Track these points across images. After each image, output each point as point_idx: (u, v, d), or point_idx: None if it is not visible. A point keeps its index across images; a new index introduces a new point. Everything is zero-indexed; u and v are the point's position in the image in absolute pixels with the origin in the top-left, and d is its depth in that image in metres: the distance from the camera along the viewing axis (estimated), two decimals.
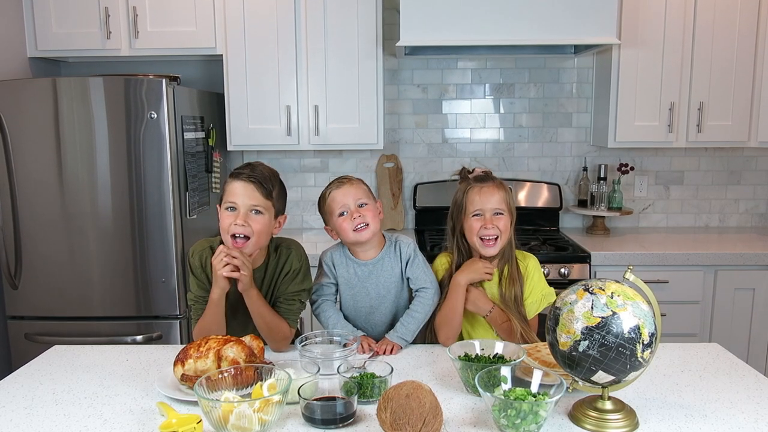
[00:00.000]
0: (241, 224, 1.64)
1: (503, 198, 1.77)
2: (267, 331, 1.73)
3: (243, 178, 1.66)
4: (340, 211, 1.75)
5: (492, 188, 1.77)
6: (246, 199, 1.66)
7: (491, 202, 1.75)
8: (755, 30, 2.94)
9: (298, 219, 3.48)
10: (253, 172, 1.68)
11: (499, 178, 1.85)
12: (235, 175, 1.68)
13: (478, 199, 1.76)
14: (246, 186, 1.66)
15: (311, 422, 1.30)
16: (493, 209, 1.76)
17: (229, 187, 1.68)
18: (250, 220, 1.66)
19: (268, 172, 1.72)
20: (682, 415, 1.34)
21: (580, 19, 2.71)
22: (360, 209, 1.74)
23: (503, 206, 1.77)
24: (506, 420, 1.23)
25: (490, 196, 1.76)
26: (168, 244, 2.60)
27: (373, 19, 2.94)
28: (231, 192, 1.67)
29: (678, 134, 3.02)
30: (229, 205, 1.67)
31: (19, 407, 1.40)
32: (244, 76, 2.99)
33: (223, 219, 1.68)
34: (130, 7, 2.91)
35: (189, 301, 1.79)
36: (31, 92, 2.53)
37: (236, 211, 1.66)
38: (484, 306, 1.77)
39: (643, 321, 1.22)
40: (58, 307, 2.66)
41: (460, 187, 1.83)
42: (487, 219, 1.75)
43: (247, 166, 1.71)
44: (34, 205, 2.60)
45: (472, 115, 3.38)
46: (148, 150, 2.55)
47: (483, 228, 1.75)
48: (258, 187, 1.66)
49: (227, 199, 1.68)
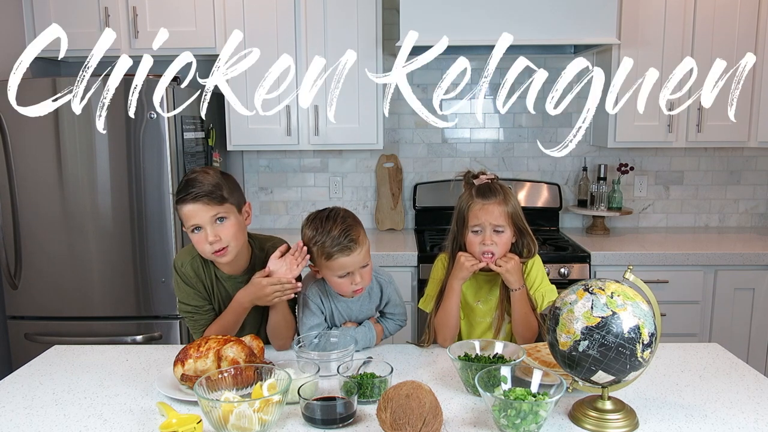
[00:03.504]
0: (214, 240, 1.60)
1: (505, 213, 1.74)
2: (278, 330, 1.72)
3: (190, 200, 1.60)
4: (342, 274, 1.65)
5: (494, 205, 1.73)
6: (204, 214, 1.60)
7: (492, 219, 1.72)
8: (755, 30, 2.94)
9: (297, 219, 3.47)
10: (195, 188, 1.60)
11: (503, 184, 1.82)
12: (181, 200, 1.61)
13: (479, 215, 1.73)
14: (196, 205, 1.60)
15: (311, 422, 1.30)
16: (494, 226, 1.73)
17: (183, 213, 1.62)
18: (219, 230, 1.61)
19: (208, 178, 1.63)
20: (682, 415, 1.34)
21: (580, 19, 2.71)
22: (361, 270, 1.66)
23: (504, 221, 1.74)
24: (506, 420, 1.23)
25: (491, 212, 1.73)
26: (168, 244, 2.60)
27: (373, 19, 2.94)
28: (187, 217, 1.61)
29: (678, 134, 3.03)
30: (192, 227, 1.61)
31: (19, 407, 1.40)
32: (244, 76, 2.99)
33: (197, 243, 1.63)
34: (130, 7, 2.91)
35: (183, 313, 1.74)
36: (31, 92, 2.53)
37: (202, 230, 1.61)
38: (517, 280, 1.74)
39: (643, 321, 1.22)
40: (58, 307, 2.66)
41: (464, 196, 1.80)
42: (486, 236, 1.73)
43: (187, 184, 1.62)
44: (34, 205, 2.60)
45: (472, 115, 3.38)
46: (148, 150, 2.55)
47: (482, 244, 1.74)
48: (208, 200, 1.60)
49: (187, 223, 1.62)
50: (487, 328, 1.83)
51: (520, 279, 1.75)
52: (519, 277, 1.75)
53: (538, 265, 1.84)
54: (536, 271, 1.82)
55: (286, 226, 3.48)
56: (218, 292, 1.73)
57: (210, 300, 1.74)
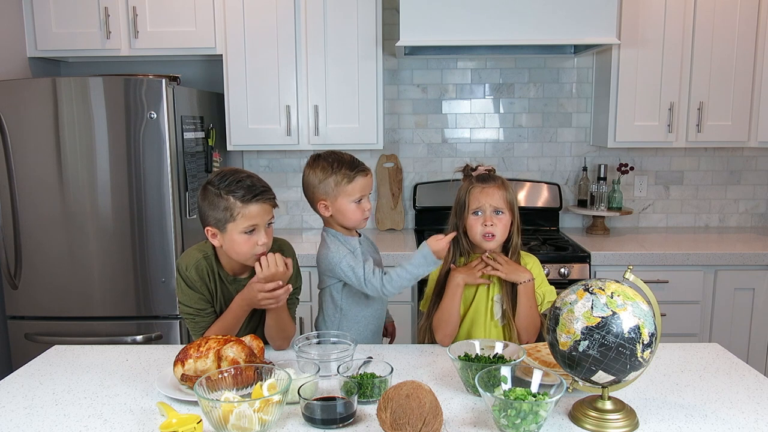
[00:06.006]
0: (266, 242, 1.62)
1: (504, 197, 1.78)
2: (277, 331, 1.72)
3: (262, 200, 1.61)
4: (357, 198, 1.79)
5: (493, 188, 1.78)
6: (266, 216, 1.63)
7: (492, 201, 1.76)
8: (755, 30, 2.94)
9: (297, 219, 3.48)
10: (265, 190, 1.62)
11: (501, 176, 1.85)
12: (252, 198, 1.59)
13: (479, 197, 1.77)
14: (264, 206, 1.62)
15: (311, 422, 1.30)
16: (494, 207, 1.76)
17: (247, 211, 1.59)
18: (268, 234, 1.64)
19: (264, 182, 1.66)
20: (682, 415, 1.34)
21: (580, 19, 2.71)
22: (368, 203, 1.82)
23: (504, 205, 1.77)
24: (506, 420, 1.23)
25: (492, 195, 1.77)
26: (168, 244, 2.60)
27: (372, 19, 2.94)
28: (251, 216, 1.59)
29: (678, 134, 3.03)
30: (251, 227, 1.60)
31: (19, 407, 1.40)
32: (244, 76, 2.99)
33: (244, 243, 1.60)
34: (130, 7, 2.91)
35: (185, 315, 1.73)
36: (31, 92, 2.53)
37: (255, 231, 1.61)
38: (523, 273, 1.76)
39: (643, 321, 1.22)
40: (58, 307, 2.66)
41: (463, 185, 1.83)
42: (487, 216, 1.76)
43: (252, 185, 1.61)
44: (34, 205, 2.60)
45: (472, 115, 3.39)
46: (147, 150, 2.55)
47: (482, 225, 1.76)
48: (272, 204, 1.64)
49: (246, 223, 1.59)
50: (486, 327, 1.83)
51: (524, 271, 1.76)
52: (521, 270, 1.76)
53: (536, 267, 1.85)
54: (535, 272, 1.82)
55: (286, 226, 3.48)
56: (222, 293, 1.73)
57: (212, 303, 1.73)
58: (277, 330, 1.72)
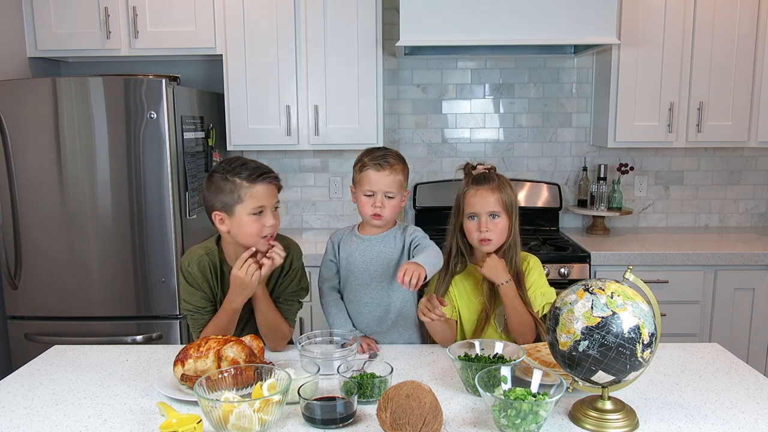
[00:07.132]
0: (274, 223, 1.65)
1: (499, 200, 1.75)
2: (268, 330, 1.72)
3: (268, 180, 1.64)
4: (368, 192, 1.78)
5: (487, 191, 1.75)
6: (272, 199, 1.65)
7: (487, 206, 1.74)
8: (755, 30, 2.94)
9: (297, 219, 3.48)
10: (269, 171, 1.66)
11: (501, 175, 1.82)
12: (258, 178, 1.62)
13: (473, 201, 1.76)
14: (270, 187, 1.65)
15: (311, 422, 1.30)
16: (489, 212, 1.74)
17: (254, 191, 1.61)
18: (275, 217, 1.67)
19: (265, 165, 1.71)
20: (682, 415, 1.34)
21: (580, 19, 2.71)
22: (384, 200, 1.77)
23: (500, 208, 1.75)
24: (506, 420, 1.23)
25: (486, 199, 1.74)
26: (168, 244, 2.60)
27: (372, 19, 2.94)
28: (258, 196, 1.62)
29: (678, 134, 3.03)
30: (259, 208, 1.62)
31: (19, 407, 1.40)
32: (244, 76, 2.99)
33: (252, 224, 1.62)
34: (129, 7, 2.91)
35: (186, 311, 1.74)
36: (31, 92, 2.53)
37: (263, 213, 1.63)
38: (502, 274, 1.74)
39: (643, 321, 1.22)
40: (58, 307, 2.66)
41: (461, 186, 1.83)
42: (482, 222, 1.75)
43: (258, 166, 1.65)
44: (34, 205, 2.60)
45: (472, 115, 3.39)
46: (147, 150, 2.55)
47: (477, 231, 1.75)
48: (277, 186, 1.68)
49: (254, 204, 1.61)
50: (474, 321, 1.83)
51: (503, 273, 1.74)
52: (500, 270, 1.74)
53: (537, 267, 1.84)
54: (536, 272, 1.82)
55: (286, 226, 3.48)
56: (223, 290, 1.73)
57: (214, 300, 1.74)
58: (269, 329, 1.72)
